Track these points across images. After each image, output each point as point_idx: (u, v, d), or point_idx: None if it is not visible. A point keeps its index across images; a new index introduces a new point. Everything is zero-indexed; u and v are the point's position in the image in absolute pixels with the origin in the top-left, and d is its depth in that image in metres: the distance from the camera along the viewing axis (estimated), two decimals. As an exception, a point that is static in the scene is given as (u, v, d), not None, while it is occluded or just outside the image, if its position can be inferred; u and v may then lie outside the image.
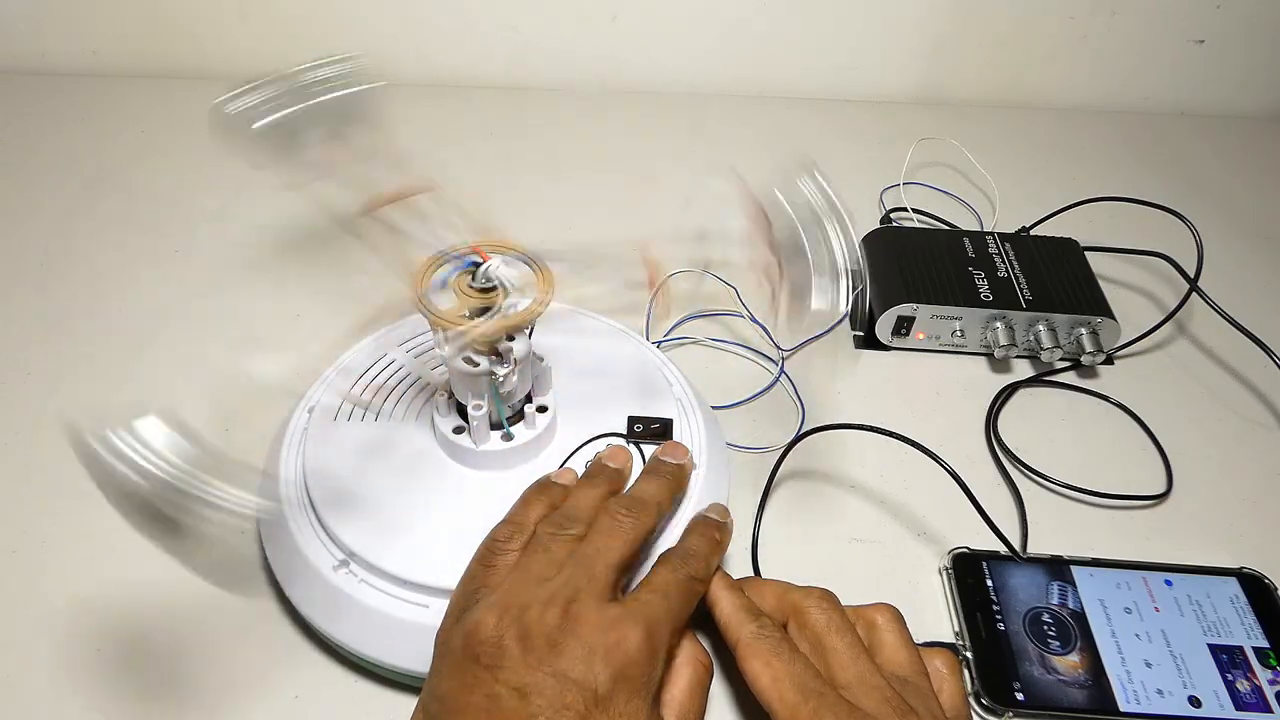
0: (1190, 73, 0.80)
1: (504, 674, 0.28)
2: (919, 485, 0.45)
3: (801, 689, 0.30)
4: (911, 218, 0.65)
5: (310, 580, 0.36)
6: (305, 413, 0.41)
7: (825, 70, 0.80)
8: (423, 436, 0.40)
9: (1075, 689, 0.37)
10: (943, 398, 0.51)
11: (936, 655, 0.35)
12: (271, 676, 0.37)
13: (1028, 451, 0.47)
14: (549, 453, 0.40)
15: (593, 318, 0.47)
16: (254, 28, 0.76)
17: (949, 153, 0.69)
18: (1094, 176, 0.71)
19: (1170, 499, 0.46)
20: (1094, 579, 0.41)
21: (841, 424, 0.44)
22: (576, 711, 0.27)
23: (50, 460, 0.45)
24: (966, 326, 0.52)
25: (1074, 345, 0.52)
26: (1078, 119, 0.79)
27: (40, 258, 0.57)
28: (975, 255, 0.55)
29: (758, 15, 0.76)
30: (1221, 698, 0.37)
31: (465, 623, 0.30)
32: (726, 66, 0.79)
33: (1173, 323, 0.54)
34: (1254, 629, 0.39)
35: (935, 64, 0.79)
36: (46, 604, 0.39)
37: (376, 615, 0.34)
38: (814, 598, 0.34)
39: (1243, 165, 0.74)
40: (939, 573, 0.42)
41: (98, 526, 0.41)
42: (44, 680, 0.36)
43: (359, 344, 0.44)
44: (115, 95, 0.74)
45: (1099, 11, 0.76)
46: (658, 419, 0.41)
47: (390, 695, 0.36)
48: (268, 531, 0.38)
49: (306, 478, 0.38)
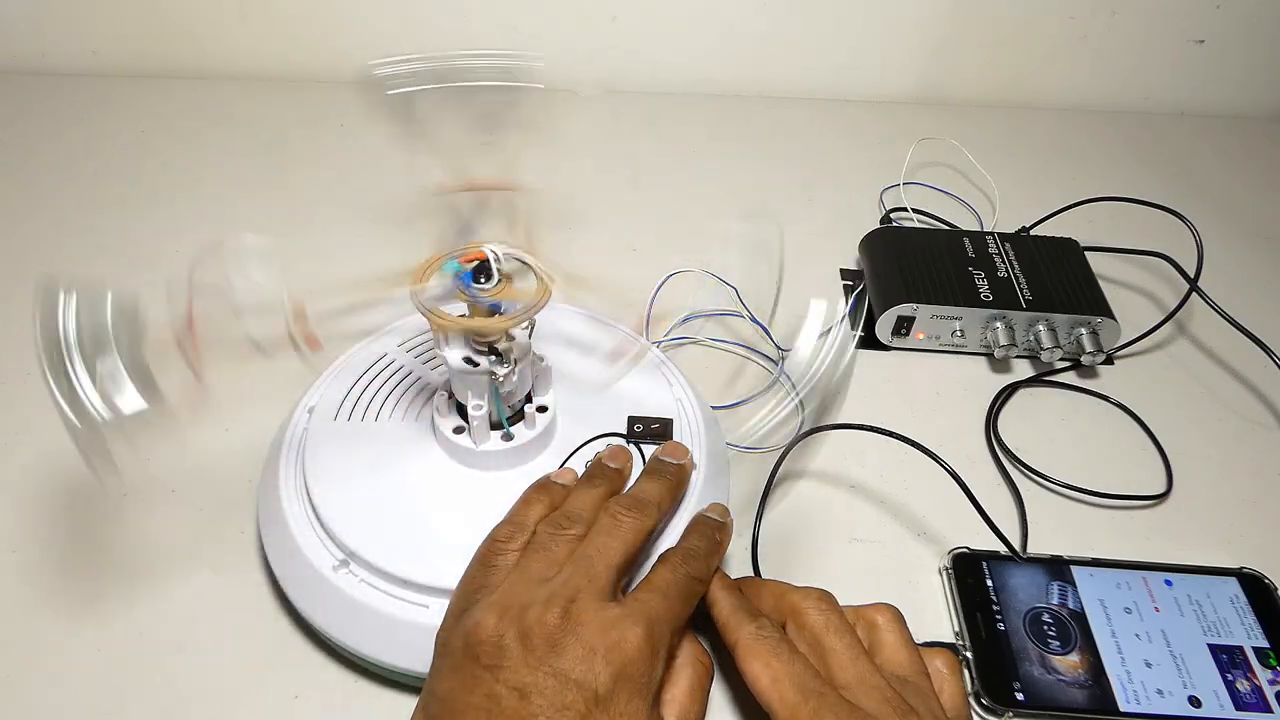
0: (1190, 73, 0.80)
1: (504, 674, 0.28)
2: (919, 485, 0.45)
3: (801, 689, 0.30)
4: (911, 218, 0.65)
5: (310, 580, 0.36)
6: (305, 413, 0.41)
7: (825, 70, 0.80)
8: (423, 436, 0.40)
9: (1075, 689, 0.37)
10: (943, 398, 0.51)
11: (937, 655, 0.35)
12: (271, 676, 0.37)
13: (1028, 451, 0.47)
14: (549, 453, 0.40)
15: (593, 318, 0.47)
16: (254, 28, 0.76)
17: (949, 153, 0.69)
18: (1094, 176, 0.71)
19: (1170, 499, 0.46)
20: (1094, 579, 0.41)
21: (841, 424, 0.44)
22: (577, 711, 0.27)
23: (52, 461, 0.45)
24: (966, 326, 0.52)
25: (1074, 345, 0.52)
26: (1078, 119, 0.79)
27: (40, 258, 0.57)
28: (975, 255, 0.55)
29: (758, 15, 0.76)
30: (1221, 698, 0.37)
31: (465, 623, 0.30)
32: (726, 66, 0.79)
33: (1173, 323, 0.54)
34: (1254, 629, 0.39)
35: (935, 64, 0.79)
36: (47, 602, 0.39)
37: (376, 615, 0.34)
38: (812, 598, 0.34)
39: (1243, 165, 0.74)
40: (939, 573, 0.42)
41: (96, 528, 0.41)
42: (45, 679, 0.36)
43: (359, 344, 0.44)
44: (115, 95, 0.74)
45: (1099, 11, 0.76)
46: (658, 419, 0.41)
47: (390, 695, 0.36)
48: (268, 531, 0.38)
49: (306, 478, 0.38)
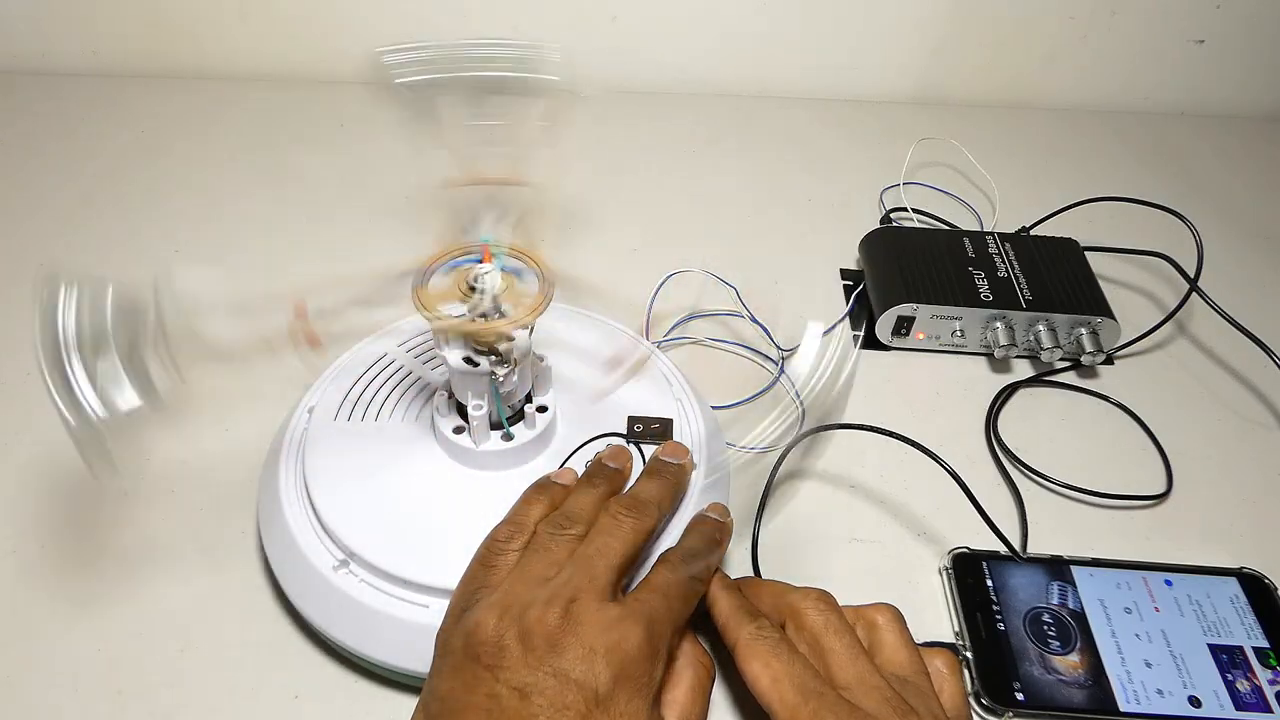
0: (1190, 73, 0.80)
1: (505, 674, 0.28)
2: (919, 485, 0.45)
3: (801, 689, 0.30)
4: (911, 218, 0.65)
5: (310, 580, 0.36)
6: (305, 413, 0.41)
7: (825, 70, 0.80)
8: (423, 437, 0.40)
9: (1075, 689, 0.37)
10: (943, 398, 0.51)
11: (937, 655, 0.35)
12: (271, 676, 0.37)
13: (1028, 451, 0.47)
14: (549, 453, 0.40)
15: (593, 318, 0.47)
16: (254, 28, 0.76)
17: (949, 153, 0.69)
18: (1094, 176, 0.71)
19: (1170, 499, 0.46)
20: (1094, 579, 0.41)
21: (841, 424, 0.44)
22: (577, 711, 0.27)
23: (51, 461, 0.45)
24: (966, 326, 0.52)
25: (1074, 345, 0.52)
26: (1078, 119, 0.79)
27: (40, 258, 0.57)
28: (975, 255, 0.55)
29: (758, 15, 0.76)
30: (1221, 698, 0.37)
31: (466, 623, 0.30)
32: (726, 66, 0.79)
33: (1173, 323, 0.54)
34: (1254, 629, 0.39)
35: (935, 64, 0.79)
36: (48, 605, 0.39)
37: (376, 615, 0.34)
38: (811, 599, 0.34)
39: (1243, 165, 0.74)
40: (939, 573, 0.42)
41: (96, 528, 0.41)
42: (45, 679, 0.36)
43: (358, 344, 0.44)
44: (115, 95, 0.74)
45: (1099, 11, 0.76)
46: (658, 419, 0.41)
47: (390, 695, 0.36)
48: (268, 531, 0.38)
49: (306, 478, 0.38)
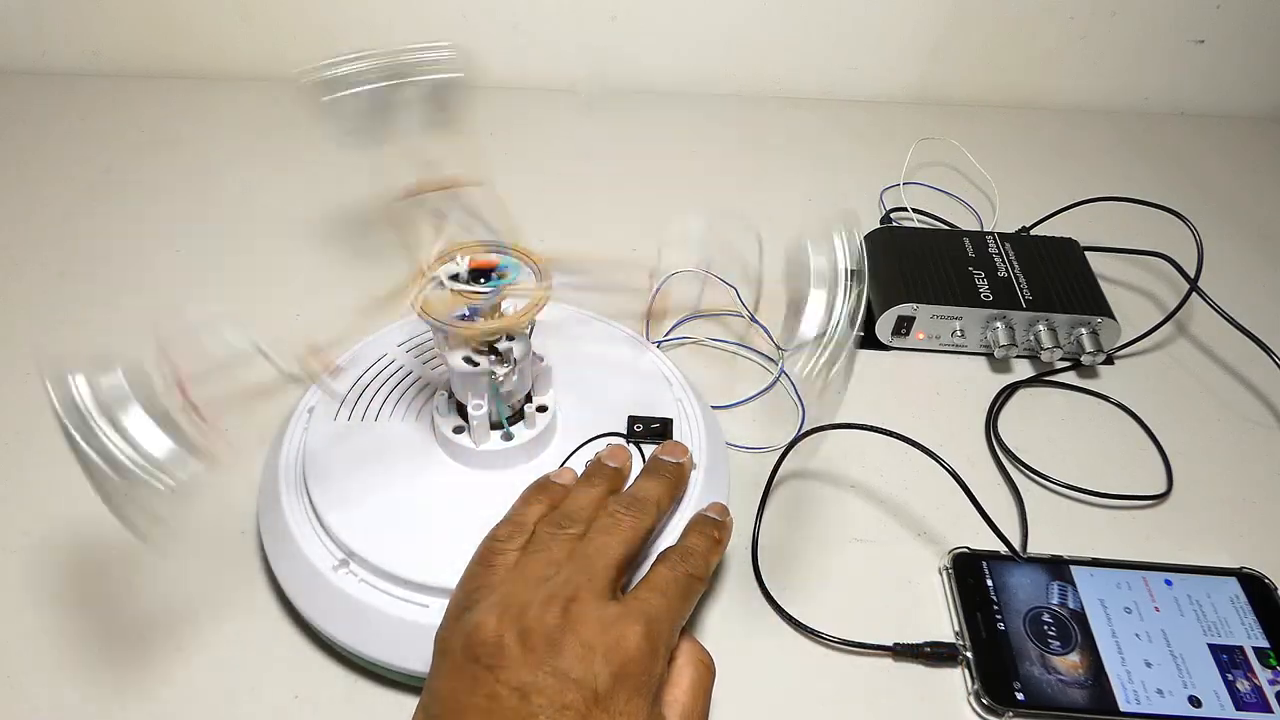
0: (1190, 73, 0.80)
1: (504, 674, 0.28)
2: (919, 485, 0.45)
3: None
4: (911, 218, 0.65)
5: (310, 580, 0.36)
6: (305, 413, 0.41)
7: (825, 70, 0.80)
8: (423, 436, 0.40)
9: (1075, 689, 0.37)
10: (943, 398, 0.51)
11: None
12: (271, 676, 0.37)
13: (1028, 451, 0.47)
14: (549, 453, 0.40)
15: (593, 317, 0.47)
16: (254, 28, 0.76)
17: (949, 153, 0.69)
18: (1094, 176, 0.71)
19: (1170, 499, 0.46)
20: (1094, 579, 0.41)
21: (841, 424, 0.44)
22: (577, 710, 0.27)
23: (52, 462, 0.45)
24: (966, 326, 0.52)
25: (1074, 345, 0.52)
26: (1078, 119, 0.79)
27: (40, 258, 0.57)
28: (975, 255, 0.55)
29: (758, 15, 0.76)
30: (1221, 697, 0.37)
31: (465, 623, 0.30)
32: (726, 66, 0.79)
33: (1173, 323, 0.54)
34: (1254, 629, 0.39)
35: (935, 64, 0.79)
36: (47, 605, 0.39)
37: (376, 615, 0.34)
38: None
39: (1243, 165, 0.74)
40: (939, 572, 0.42)
41: (96, 528, 0.41)
42: (45, 680, 0.36)
43: (358, 344, 0.44)
44: (115, 95, 0.74)
45: (1099, 11, 0.76)
46: (658, 419, 0.41)
47: (390, 695, 0.36)
48: (268, 531, 0.38)
49: (306, 478, 0.38)
